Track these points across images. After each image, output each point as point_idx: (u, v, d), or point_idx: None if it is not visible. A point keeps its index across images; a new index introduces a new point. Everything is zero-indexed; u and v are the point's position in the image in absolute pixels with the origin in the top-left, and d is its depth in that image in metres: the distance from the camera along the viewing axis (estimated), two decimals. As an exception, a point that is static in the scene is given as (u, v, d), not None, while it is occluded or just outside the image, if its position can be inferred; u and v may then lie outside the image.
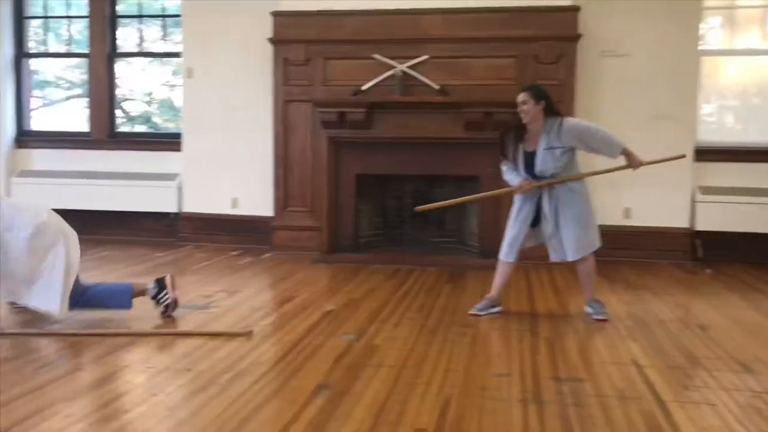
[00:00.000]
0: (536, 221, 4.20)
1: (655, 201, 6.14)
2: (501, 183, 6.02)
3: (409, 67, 6.01)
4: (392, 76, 6.02)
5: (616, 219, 6.16)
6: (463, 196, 6.41)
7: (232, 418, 2.56)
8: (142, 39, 7.25)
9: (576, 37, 5.89)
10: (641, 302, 4.63)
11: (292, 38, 6.19)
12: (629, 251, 6.12)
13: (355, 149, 6.27)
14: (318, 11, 6.15)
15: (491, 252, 5.96)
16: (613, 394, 2.89)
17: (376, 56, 6.05)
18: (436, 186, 6.62)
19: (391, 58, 6.04)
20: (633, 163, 4.08)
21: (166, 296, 4.00)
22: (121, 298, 3.96)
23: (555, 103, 4.17)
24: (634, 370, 3.20)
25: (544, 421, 2.59)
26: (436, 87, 5.97)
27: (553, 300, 4.65)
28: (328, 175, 6.24)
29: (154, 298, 4.03)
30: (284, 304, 4.46)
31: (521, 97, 4.07)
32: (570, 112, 5.92)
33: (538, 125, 4.06)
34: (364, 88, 6.06)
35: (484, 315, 4.16)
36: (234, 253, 6.27)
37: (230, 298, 4.52)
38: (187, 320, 3.98)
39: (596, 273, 4.22)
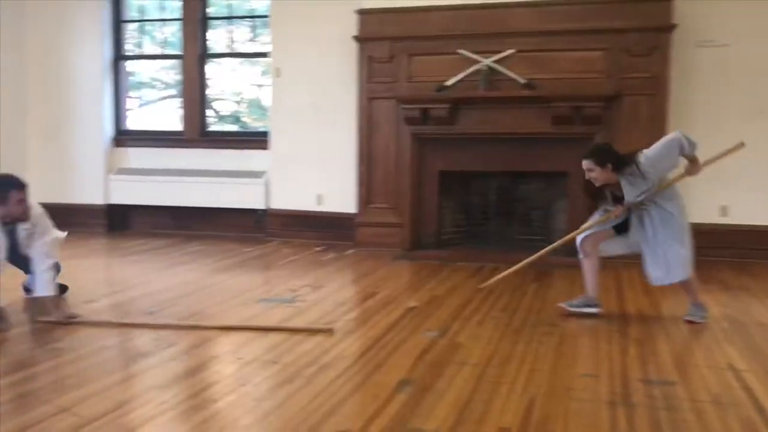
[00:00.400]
0: (623, 229, 4.03)
1: (754, 198, 5.83)
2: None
3: (495, 61, 5.94)
4: (477, 71, 5.96)
5: (712, 217, 5.89)
6: (550, 192, 6.35)
7: (317, 411, 2.59)
8: (232, 40, 7.45)
9: (670, 27, 5.65)
10: (739, 304, 4.41)
11: (377, 35, 6.22)
12: (726, 250, 5.84)
13: (439, 146, 6.24)
14: (402, 8, 6.16)
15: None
16: (707, 399, 2.75)
17: (462, 51, 6.00)
18: (521, 183, 6.53)
19: (477, 53, 5.98)
20: (693, 170, 3.88)
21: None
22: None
23: (622, 156, 3.86)
24: (730, 374, 3.05)
25: (634, 424, 2.50)
26: (523, 81, 5.87)
27: (644, 300, 4.48)
28: (411, 172, 6.24)
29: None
30: (367, 299, 4.49)
31: (585, 164, 3.87)
32: (663, 108, 5.71)
33: (614, 179, 3.86)
34: (448, 83, 6.02)
35: (575, 311, 4.05)
36: (318, 248, 6.37)
37: (315, 293, 4.59)
38: (274, 313, 4.06)
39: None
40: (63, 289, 4.26)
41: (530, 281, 5.08)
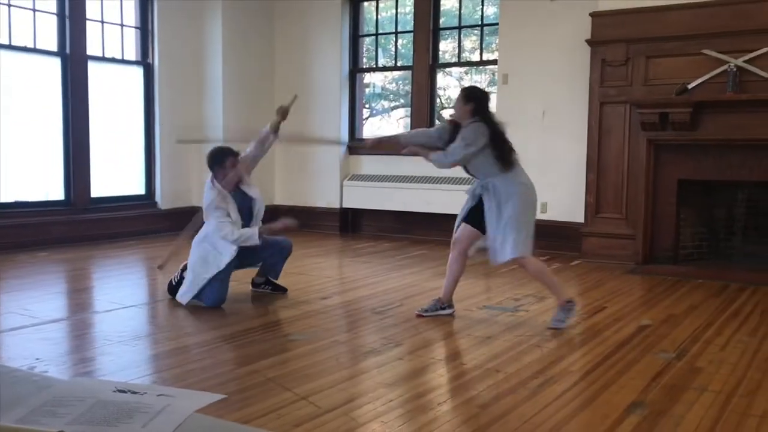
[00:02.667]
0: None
1: None
2: None
3: (746, 61, 5.40)
4: (724, 72, 5.46)
5: None
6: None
7: (542, 425, 2.52)
8: (460, 49, 7.57)
9: None
10: None
11: (612, 38, 5.95)
12: None
13: (678, 153, 5.81)
14: (640, 8, 5.84)
15: None
16: None
17: (707, 51, 5.54)
18: (774, 194, 5.87)
19: (723, 53, 5.49)
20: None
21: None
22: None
23: (485, 109, 4.02)
24: None
25: None
26: (779, 82, 5.28)
27: None
28: (646, 181, 5.88)
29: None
30: (595, 313, 4.29)
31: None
32: None
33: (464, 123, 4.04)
34: (690, 86, 5.59)
35: (429, 316, 4.04)
36: (542, 258, 6.22)
37: (538, 304, 4.49)
38: (495, 321, 4.04)
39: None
40: (282, 289, 4.70)
41: (784, 304, 4.55)
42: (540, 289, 4.91)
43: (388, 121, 8.46)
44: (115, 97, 7.26)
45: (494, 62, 7.08)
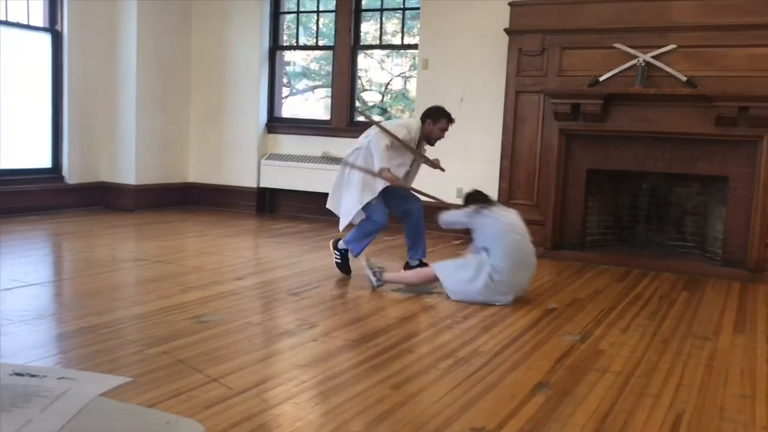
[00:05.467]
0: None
1: None
2: (753, 184, 5.46)
3: (654, 56, 5.63)
4: (634, 66, 5.68)
5: None
6: (708, 198, 5.97)
7: (451, 405, 2.58)
8: (382, 32, 7.57)
9: None
10: None
11: (528, 28, 6.08)
12: None
13: (588, 143, 6.02)
14: (557, 0, 5.98)
15: (736, 261, 5.46)
16: None
17: (618, 45, 5.75)
18: (676, 186, 6.17)
19: (634, 48, 5.70)
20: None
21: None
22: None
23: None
24: None
25: (796, 455, 2.30)
26: (683, 78, 5.53)
27: (811, 320, 4.11)
28: (557, 169, 6.06)
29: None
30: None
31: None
32: None
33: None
34: (602, 78, 5.79)
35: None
36: (456, 242, 6.34)
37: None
38: (411, 303, 4.10)
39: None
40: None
41: (680, 289, 4.81)
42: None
43: (310, 101, 8.39)
44: (21, 65, 6.88)
45: (415, 47, 7.12)
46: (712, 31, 5.49)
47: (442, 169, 4.90)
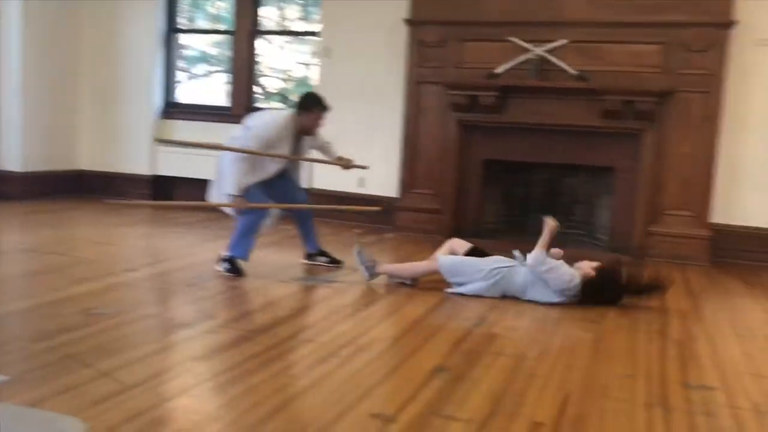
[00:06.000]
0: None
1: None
2: (637, 174, 5.78)
3: (547, 51, 5.84)
4: (528, 60, 5.88)
5: (763, 221, 5.74)
6: (595, 187, 6.25)
7: (351, 392, 2.60)
8: (282, 18, 7.47)
9: (730, 24, 5.49)
10: (786, 312, 4.29)
11: (429, 19, 6.16)
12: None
13: (485, 134, 6.18)
14: (456, -7, 6.10)
15: (621, 247, 5.77)
16: (748, 407, 2.69)
17: (513, 39, 5.92)
18: (567, 175, 6.43)
19: (529, 42, 5.89)
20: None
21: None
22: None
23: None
24: (774, 384, 2.98)
25: (670, 428, 2.46)
26: (574, 72, 5.77)
27: (687, 301, 4.40)
28: (455, 159, 6.20)
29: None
30: (406, 284, 4.48)
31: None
32: (716, 107, 5.58)
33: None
34: (498, 71, 5.95)
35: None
36: (358, 231, 6.38)
37: (353, 274, 4.59)
38: (311, 292, 4.09)
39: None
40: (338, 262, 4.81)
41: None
42: (355, 262, 5.03)
43: (209, 87, 8.17)
44: None
45: (317, 34, 7.07)
46: (601, 27, 5.75)
47: (363, 167, 4.87)
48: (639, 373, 3.02)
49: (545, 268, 4.01)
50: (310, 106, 4.53)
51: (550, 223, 4.11)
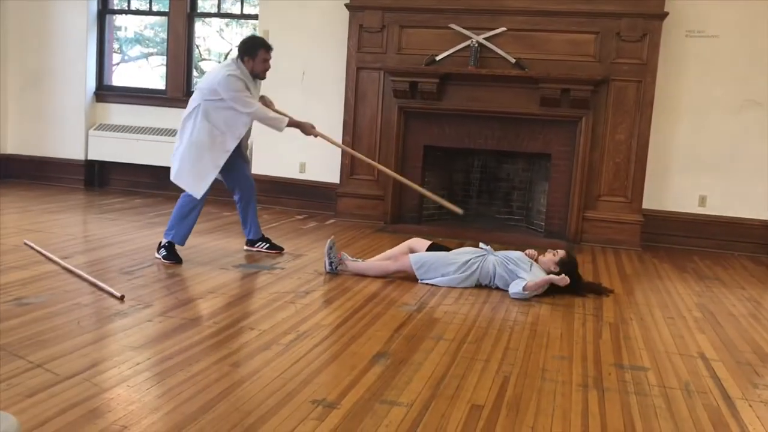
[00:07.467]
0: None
1: (733, 191, 5.90)
2: (573, 161, 5.92)
3: (486, 38, 5.90)
4: (468, 47, 5.92)
5: (690, 206, 5.97)
6: (532, 174, 6.37)
7: (293, 379, 2.60)
8: (220, 0, 7.32)
9: (662, 15, 5.65)
10: (711, 294, 4.47)
11: (369, 4, 6.14)
12: (702, 240, 5.94)
13: (425, 120, 6.21)
14: (397, -22, 6.08)
15: (557, 233, 5.91)
16: (677, 386, 2.81)
17: (453, 26, 5.96)
18: (505, 162, 6.54)
19: (468, 29, 5.94)
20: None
21: None
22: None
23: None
24: (700, 363, 3.11)
25: (604, 407, 2.55)
26: (513, 60, 5.85)
27: (619, 285, 4.54)
28: (396, 145, 6.22)
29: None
30: (346, 270, 4.48)
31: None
32: (649, 95, 5.74)
33: None
34: (438, 58, 5.98)
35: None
36: (299, 217, 6.35)
37: (294, 261, 4.58)
38: (251, 280, 4.05)
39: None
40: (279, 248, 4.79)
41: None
42: (297, 247, 5.01)
43: (144, 69, 7.96)
44: None
45: (255, 17, 6.96)
46: (538, 16, 5.84)
47: (318, 135, 4.89)
48: (575, 354, 3.10)
49: (520, 294, 4.02)
50: (255, 49, 4.41)
51: (562, 280, 4.06)
